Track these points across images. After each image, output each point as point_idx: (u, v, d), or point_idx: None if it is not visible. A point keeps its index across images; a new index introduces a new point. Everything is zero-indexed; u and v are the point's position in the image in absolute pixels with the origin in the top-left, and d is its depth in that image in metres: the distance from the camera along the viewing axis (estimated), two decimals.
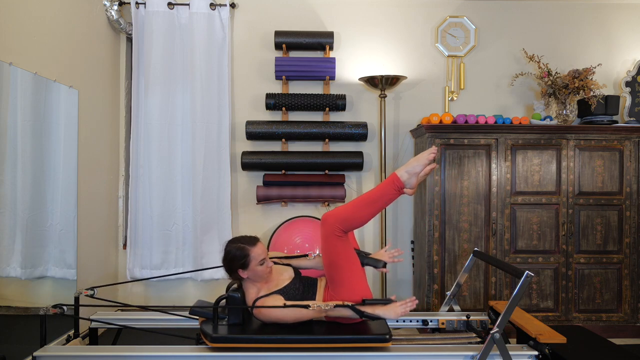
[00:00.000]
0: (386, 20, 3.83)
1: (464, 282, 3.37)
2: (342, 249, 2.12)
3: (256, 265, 2.12)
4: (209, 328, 2.08)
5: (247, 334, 2.06)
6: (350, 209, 2.14)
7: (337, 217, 2.10)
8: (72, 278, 2.99)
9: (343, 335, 2.06)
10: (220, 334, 2.03)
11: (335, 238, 2.10)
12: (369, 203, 2.14)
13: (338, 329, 2.12)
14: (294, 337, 2.04)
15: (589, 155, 3.41)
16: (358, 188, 3.84)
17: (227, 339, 2.02)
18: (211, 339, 2.02)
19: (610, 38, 3.86)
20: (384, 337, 2.04)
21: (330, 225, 2.09)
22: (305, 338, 2.05)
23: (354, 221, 2.13)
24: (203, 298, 3.80)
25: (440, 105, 3.84)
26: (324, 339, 2.05)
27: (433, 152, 2.16)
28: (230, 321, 2.13)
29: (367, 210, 2.13)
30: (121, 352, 2.07)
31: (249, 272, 2.12)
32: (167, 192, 3.65)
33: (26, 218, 2.59)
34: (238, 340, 2.03)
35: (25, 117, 2.59)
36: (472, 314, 2.56)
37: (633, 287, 3.41)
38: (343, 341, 2.04)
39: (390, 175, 2.18)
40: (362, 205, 2.14)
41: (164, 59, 3.61)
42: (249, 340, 2.03)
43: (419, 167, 2.15)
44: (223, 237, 3.65)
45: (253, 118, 3.78)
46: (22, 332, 2.51)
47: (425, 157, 2.15)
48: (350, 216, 2.12)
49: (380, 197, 2.15)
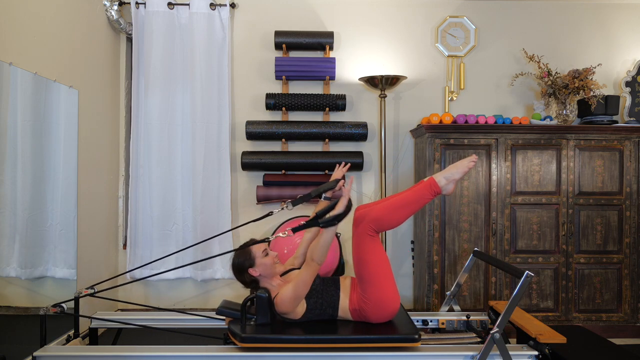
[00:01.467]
0: (386, 20, 3.83)
1: (464, 282, 3.37)
2: (373, 249, 2.15)
3: (262, 258, 2.19)
4: (237, 328, 2.08)
5: (276, 334, 2.07)
6: (385, 210, 2.16)
7: (371, 218, 2.14)
8: (72, 278, 2.99)
9: (372, 335, 2.07)
10: (250, 334, 2.04)
11: (367, 238, 2.14)
12: (404, 205, 2.17)
13: (366, 329, 2.14)
14: (323, 337, 2.06)
15: (589, 155, 3.41)
16: (358, 188, 3.84)
17: (257, 339, 2.04)
18: (241, 338, 2.02)
19: (610, 38, 3.86)
20: (413, 336, 2.05)
21: (364, 225, 2.14)
22: (335, 338, 2.06)
23: (388, 223, 2.17)
24: (202, 298, 3.80)
25: (440, 105, 3.84)
26: (353, 339, 2.06)
27: (473, 161, 2.20)
28: (258, 321, 2.14)
29: (402, 213, 2.17)
30: (121, 352, 2.07)
31: (258, 267, 2.18)
32: (167, 192, 3.65)
33: (26, 218, 2.59)
34: (268, 340, 2.04)
35: (25, 117, 2.59)
36: (472, 314, 2.56)
37: (633, 287, 3.41)
38: (372, 341, 2.05)
39: (428, 179, 2.21)
40: (397, 207, 2.17)
41: (164, 59, 3.61)
42: (279, 340, 2.04)
43: (458, 175, 2.19)
44: (223, 237, 3.65)
45: (253, 118, 3.78)
46: (22, 332, 2.51)
47: (465, 164, 2.19)
48: (385, 217, 2.15)
49: (416, 200, 2.18)
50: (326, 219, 2.08)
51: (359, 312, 2.19)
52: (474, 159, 2.20)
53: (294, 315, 2.17)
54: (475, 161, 2.21)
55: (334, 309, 2.21)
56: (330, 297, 2.22)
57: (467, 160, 2.20)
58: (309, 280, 2.11)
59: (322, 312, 2.21)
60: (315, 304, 2.19)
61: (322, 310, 2.20)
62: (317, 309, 2.19)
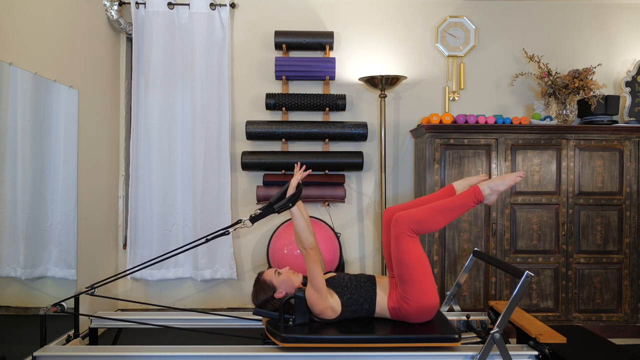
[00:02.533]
0: (386, 20, 3.83)
1: (464, 282, 3.37)
2: (413, 249, 2.15)
3: (278, 279, 2.25)
4: (277, 328, 2.09)
5: (316, 334, 2.07)
6: (427, 212, 2.18)
7: (411, 219, 2.15)
8: (72, 278, 2.99)
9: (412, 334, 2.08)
10: (292, 334, 2.05)
11: (407, 238, 2.14)
12: (446, 210, 2.19)
13: (405, 328, 2.14)
14: (363, 336, 2.07)
15: (589, 155, 3.41)
16: (358, 188, 3.84)
17: (297, 339, 2.04)
18: (281, 339, 2.03)
19: (610, 38, 3.86)
20: (453, 337, 2.05)
21: (403, 225, 2.14)
22: (375, 338, 2.07)
23: (428, 225, 2.18)
24: (203, 298, 3.80)
25: (440, 105, 3.84)
26: (394, 339, 2.06)
27: (520, 176, 2.24)
28: (296, 321, 2.15)
29: (442, 217, 2.19)
30: (121, 352, 2.07)
31: (280, 288, 2.23)
32: (167, 192, 3.65)
33: (26, 218, 2.59)
34: (308, 340, 2.04)
35: (25, 117, 2.59)
36: (472, 314, 2.56)
37: (633, 287, 3.41)
38: (413, 340, 2.05)
39: (472, 187, 2.25)
40: (439, 211, 2.19)
41: (164, 59, 3.61)
42: (319, 340, 2.04)
43: (503, 187, 2.23)
44: (223, 237, 3.65)
45: (253, 118, 3.78)
46: (22, 332, 2.51)
47: (512, 178, 2.23)
48: (426, 220, 2.17)
49: (459, 206, 2.21)
50: (281, 203, 2.19)
51: (398, 310, 2.20)
52: (522, 175, 2.25)
53: (332, 313, 2.17)
54: (523, 176, 2.26)
55: (370, 304, 2.22)
56: (367, 292, 2.23)
57: (515, 175, 2.24)
58: (315, 267, 2.12)
59: (359, 308, 2.21)
60: (351, 299, 2.20)
61: (358, 306, 2.21)
62: (353, 305, 2.20)
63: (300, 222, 2.17)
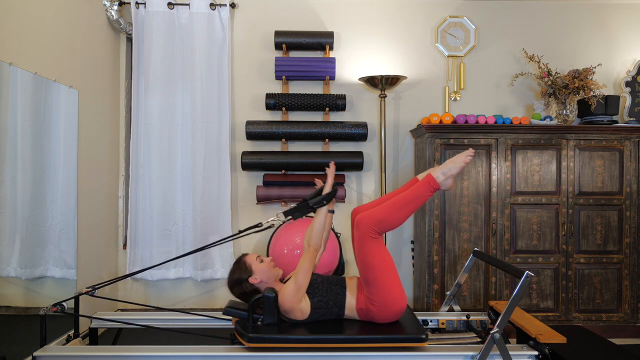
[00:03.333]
0: (386, 20, 3.83)
1: (464, 282, 3.37)
2: (377, 251, 2.14)
3: (258, 265, 2.23)
4: (244, 328, 2.08)
5: (283, 334, 2.07)
6: (386, 210, 2.15)
7: (373, 219, 2.13)
8: (72, 278, 2.99)
9: (379, 335, 2.07)
10: (258, 334, 2.04)
11: (370, 240, 2.13)
12: (404, 204, 2.17)
13: (373, 329, 2.14)
14: (330, 336, 2.06)
15: (589, 155, 3.41)
16: (358, 188, 3.84)
17: (264, 339, 2.04)
18: (248, 338, 2.03)
19: (610, 38, 3.86)
20: (420, 337, 2.05)
21: (365, 227, 2.12)
22: (343, 338, 2.06)
23: (390, 223, 2.16)
24: (202, 298, 3.80)
25: (440, 105, 3.84)
26: (361, 339, 2.06)
27: (470, 155, 2.21)
28: (265, 321, 2.14)
29: (403, 212, 2.17)
30: (121, 352, 2.07)
31: (257, 274, 2.22)
32: (167, 192, 3.65)
33: (26, 218, 2.59)
34: (275, 340, 2.04)
35: (25, 117, 2.59)
36: (472, 314, 2.56)
37: (633, 287, 3.41)
38: (379, 341, 2.05)
39: (426, 176, 2.21)
40: (399, 207, 2.16)
41: (164, 59, 3.61)
42: (286, 340, 2.04)
43: (455, 170, 2.21)
44: (223, 237, 3.65)
45: (253, 118, 3.78)
46: (22, 332, 2.51)
47: (462, 159, 2.20)
48: (387, 218, 2.14)
49: (416, 197, 2.18)
50: (316, 200, 2.23)
51: (365, 312, 2.19)
52: (471, 153, 2.21)
53: (300, 315, 2.16)
54: (472, 155, 2.21)
55: (340, 308, 2.21)
56: (336, 295, 2.22)
57: (464, 155, 2.20)
58: (308, 268, 2.13)
59: (328, 311, 2.21)
60: (320, 302, 2.19)
61: (327, 309, 2.20)
62: (322, 308, 2.19)
63: (321, 221, 2.20)
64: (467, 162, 2.20)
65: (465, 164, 2.20)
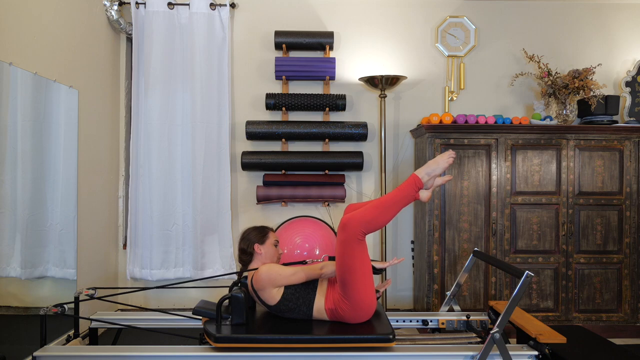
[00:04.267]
0: (386, 20, 3.83)
1: (464, 282, 3.37)
2: (359, 253, 2.15)
3: (271, 244, 2.36)
4: (212, 328, 2.08)
5: (250, 334, 2.06)
6: (372, 211, 2.16)
7: (360, 221, 2.12)
8: (72, 278, 2.99)
9: (347, 335, 2.06)
10: (224, 334, 2.03)
11: (355, 242, 2.13)
12: (390, 205, 2.19)
13: (342, 329, 2.13)
14: (297, 336, 2.05)
15: (589, 155, 3.41)
16: (358, 188, 3.84)
17: (230, 339, 2.03)
18: (214, 339, 2.02)
19: (610, 38, 3.86)
20: (387, 337, 2.04)
21: (352, 229, 2.11)
22: (310, 338, 2.05)
23: (376, 224, 2.16)
24: (203, 299, 3.79)
25: (440, 105, 3.84)
26: (328, 339, 2.05)
27: (452, 156, 2.24)
28: (233, 321, 2.14)
29: (389, 212, 2.18)
30: (121, 352, 2.07)
31: (264, 248, 2.33)
32: (167, 192, 3.65)
33: (26, 218, 2.59)
34: (241, 340, 2.03)
35: (25, 117, 2.59)
36: (472, 314, 2.56)
37: (633, 287, 3.41)
38: (347, 341, 2.04)
39: (410, 176, 2.23)
40: (384, 208, 2.17)
41: (164, 59, 3.61)
42: (252, 340, 2.03)
43: (439, 170, 2.24)
44: (223, 237, 3.65)
45: (253, 118, 3.78)
46: (22, 332, 2.51)
47: (445, 160, 2.23)
48: (373, 219, 2.15)
49: (402, 198, 2.20)
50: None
51: (335, 311, 2.19)
52: (453, 155, 2.25)
53: (270, 298, 2.19)
54: (454, 157, 2.26)
55: (308, 308, 2.22)
56: (307, 294, 2.23)
57: (447, 156, 2.24)
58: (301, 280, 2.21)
59: (297, 308, 2.21)
60: (292, 295, 2.21)
61: (296, 305, 2.21)
62: (291, 302, 2.20)
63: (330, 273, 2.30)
64: (450, 162, 2.24)
65: (448, 165, 2.24)
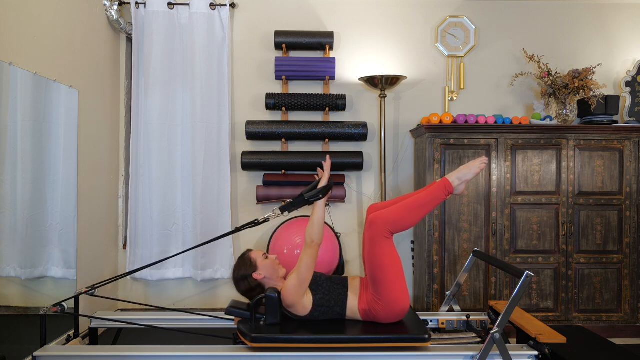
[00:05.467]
0: (386, 20, 3.83)
1: (464, 282, 3.37)
2: (388, 250, 2.16)
3: (263, 261, 2.25)
4: (247, 328, 2.08)
5: (286, 334, 2.07)
6: (401, 211, 2.19)
7: (387, 220, 2.15)
8: (72, 278, 2.99)
9: (383, 335, 2.08)
10: (261, 334, 2.04)
11: (383, 239, 2.14)
12: (419, 206, 2.21)
13: (376, 329, 2.14)
14: (333, 337, 2.06)
15: (589, 155, 3.41)
16: (358, 188, 3.84)
17: (267, 339, 2.04)
18: (251, 339, 2.02)
19: (610, 38, 3.86)
20: (423, 337, 2.05)
21: (379, 227, 2.14)
22: (347, 338, 2.06)
23: (404, 224, 2.19)
24: (203, 298, 3.80)
25: (440, 105, 3.84)
26: (365, 339, 2.06)
27: (484, 162, 2.26)
28: (268, 321, 2.15)
29: (417, 213, 2.20)
30: (121, 352, 2.07)
31: (261, 270, 2.23)
32: (167, 192, 3.65)
33: (26, 218, 2.59)
34: (278, 340, 2.04)
35: (25, 117, 2.59)
36: (472, 314, 2.56)
37: (633, 287, 3.41)
38: (384, 341, 2.05)
39: (441, 180, 2.26)
40: (413, 209, 2.20)
41: (164, 59, 3.61)
42: (289, 340, 2.04)
43: (470, 175, 2.25)
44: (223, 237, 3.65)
45: (253, 118, 3.78)
46: (22, 332, 2.51)
47: (477, 165, 2.25)
48: (401, 219, 2.17)
49: (431, 201, 2.22)
50: (312, 193, 2.25)
51: (368, 312, 2.20)
52: (485, 161, 2.27)
53: (302, 309, 2.17)
54: (486, 162, 2.29)
55: (341, 308, 2.22)
56: (338, 295, 2.23)
57: (479, 162, 2.26)
58: (311, 263, 2.14)
59: (330, 310, 2.21)
60: (322, 300, 2.20)
61: (329, 308, 2.21)
62: (324, 306, 2.20)
63: (321, 215, 2.22)
64: (482, 168, 2.26)
65: (480, 170, 2.26)
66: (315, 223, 2.18)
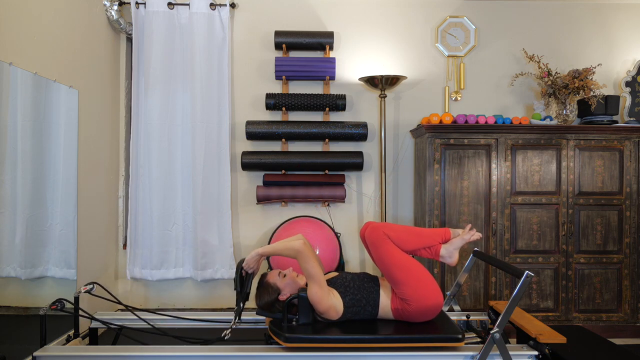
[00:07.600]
0: (386, 20, 3.83)
1: (464, 282, 3.37)
2: (393, 249, 2.19)
3: (282, 281, 2.23)
4: (280, 328, 2.09)
5: (319, 334, 2.07)
6: (400, 228, 2.26)
7: (386, 227, 2.23)
8: (72, 278, 2.99)
9: (416, 334, 2.08)
10: (295, 334, 2.05)
11: (384, 239, 2.18)
12: (416, 234, 2.28)
13: (409, 328, 2.15)
14: (366, 336, 2.06)
15: (589, 155, 3.41)
16: (358, 188, 3.84)
17: (301, 339, 2.04)
18: (285, 339, 2.03)
19: (610, 38, 3.86)
20: (456, 336, 2.06)
21: (377, 230, 2.20)
22: (378, 337, 2.07)
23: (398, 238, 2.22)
24: (203, 299, 3.80)
25: (440, 105, 3.84)
26: (399, 339, 2.07)
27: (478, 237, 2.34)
28: (300, 321, 2.15)
29: (411, 239, 2.26)
30: (121, 352, 2.07)
31: (284, 290, 2.22)
32: (167, 192, 3.65)
33: (26, 218, 2.59)
34: (312, 340, 2.05)
35: (25, 117, 2.59)
36: (472, 314, 2.56)
37: (633, 287, 3.41)
38: (417, 340, 2.06)
39: (444, 228, 2.38)
40: (411, 233, 2.27)
41: (164, 59, 3.61)
42: (323, 340, 2.04)
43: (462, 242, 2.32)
44: (223, 237, 3.65)
45: (253, 118, 3.78)
46: (22, 332, 2.51)
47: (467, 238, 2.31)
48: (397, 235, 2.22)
49: (428, 236, 2.29)
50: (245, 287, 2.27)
51: (401, 311, 2.20)
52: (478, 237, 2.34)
53: (335, 313, 2.16)
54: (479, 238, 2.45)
55: (374, 307, 2.21)
56: (369, 293, 2.22)
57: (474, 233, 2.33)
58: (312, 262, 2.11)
59: (362, 310, 2.20)
60: (353, 300, 2.19)
61: (361, 308, 2.20)
62: (355, 306, 2.19)
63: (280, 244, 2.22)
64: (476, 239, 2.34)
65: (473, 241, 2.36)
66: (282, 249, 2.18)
